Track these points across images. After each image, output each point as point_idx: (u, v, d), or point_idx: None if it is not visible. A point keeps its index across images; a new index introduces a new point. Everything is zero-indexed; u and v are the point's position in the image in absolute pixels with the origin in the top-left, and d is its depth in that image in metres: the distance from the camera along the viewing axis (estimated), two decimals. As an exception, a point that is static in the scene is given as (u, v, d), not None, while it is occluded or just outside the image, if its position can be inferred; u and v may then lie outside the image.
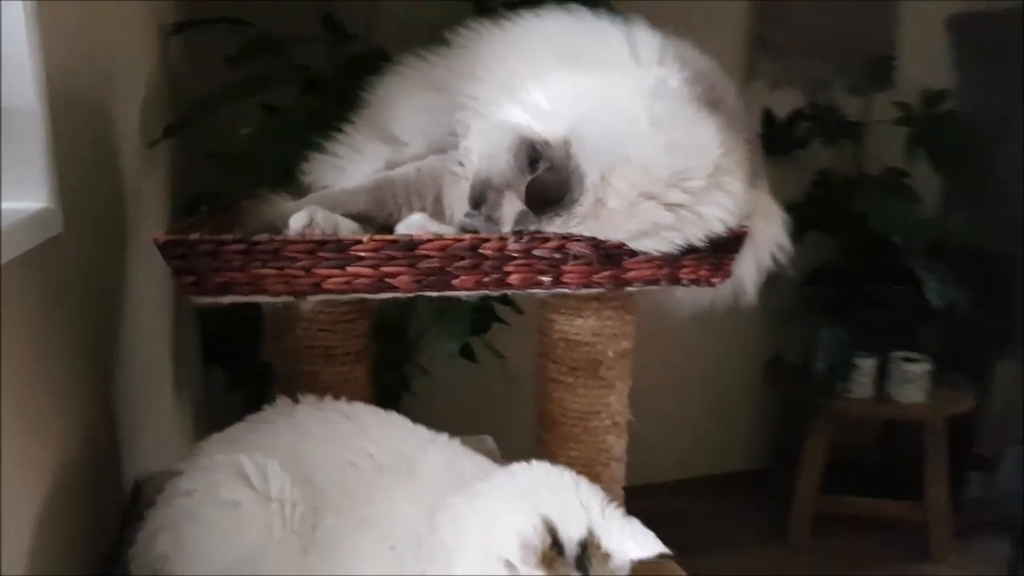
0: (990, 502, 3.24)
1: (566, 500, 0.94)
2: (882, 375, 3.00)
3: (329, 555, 0.97)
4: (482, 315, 2.28)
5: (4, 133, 0.98)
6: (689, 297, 1.28)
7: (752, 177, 1.20)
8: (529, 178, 1.06)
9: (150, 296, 1.71)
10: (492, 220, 1.11)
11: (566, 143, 1.07)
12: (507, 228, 1.12)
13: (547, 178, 1.06)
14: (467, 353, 2.31)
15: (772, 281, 1.30)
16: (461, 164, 1.21)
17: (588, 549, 0.90)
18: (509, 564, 0.88)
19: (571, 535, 0.90)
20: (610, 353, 1.30)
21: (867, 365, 2.96)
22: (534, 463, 1.01)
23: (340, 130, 1.42)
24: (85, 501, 1.17)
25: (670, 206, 1.08)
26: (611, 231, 1.10)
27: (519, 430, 1.48)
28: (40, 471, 1.00)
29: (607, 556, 0.90)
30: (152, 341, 1.75)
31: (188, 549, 0.96)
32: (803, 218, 1.32)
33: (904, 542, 3.07)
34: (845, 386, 2.96)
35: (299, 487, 1.00)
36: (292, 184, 1.42)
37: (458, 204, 1.21)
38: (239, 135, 2.18)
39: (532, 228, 1.10)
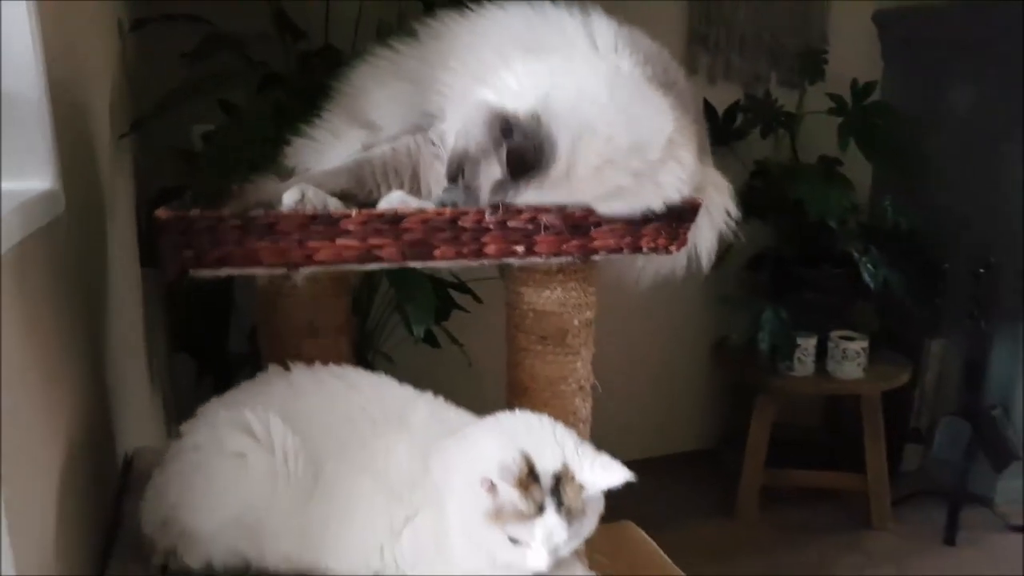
0: (925, 472, 3.39)
1: (543, 439, 1.02)
2: (822, 353, 3.11)
3: (330, 498, 1.04)
4: (443, 303, 2.36)
5: (7, 116, 1.02)
6: (650, 266, 1.38)
7: (701, 154, 1.31)
8: (505, 147, 1.15)
9: (123, 282, 1.76)
10: (471, 190, 1.19)
11: (536, 116, 1.15)
12: (485, 196, 1.19)
13: (524, 145, 1.14)
14: (430, 339, 2.39)
15: (717, 267, 1.40)
16: (436, 145, 1.29)
17: (563, 480, 0.98)
18: (491, 485, 0.95)
19: (546, 468, 0.98)
20: (575, 322, 1.38)
21: (808, 344, 3.07)
22: (516, 411, 1.10)
23: (305, 122, 1.48)
24: (90, 472, 1.22)
25: (632, 172, 1.18)
26: (579, 195, 1.19)
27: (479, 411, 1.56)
28: (59, 442, 1.05)
29: (580, 487, 0.99)
30: (127, 325, 1.79)
31: (197, 499, 1.03)
32: (743, 206, 1.43)
33: (846, 512, 3.20)
34: (788, 364, 3.06)
35: (300, 439, 1.07)
36: (257, 177, 1.46)
37: (435, 181, 1.28)
38: (192, 131, 2.22)
39: (509, 196, 1.18)
